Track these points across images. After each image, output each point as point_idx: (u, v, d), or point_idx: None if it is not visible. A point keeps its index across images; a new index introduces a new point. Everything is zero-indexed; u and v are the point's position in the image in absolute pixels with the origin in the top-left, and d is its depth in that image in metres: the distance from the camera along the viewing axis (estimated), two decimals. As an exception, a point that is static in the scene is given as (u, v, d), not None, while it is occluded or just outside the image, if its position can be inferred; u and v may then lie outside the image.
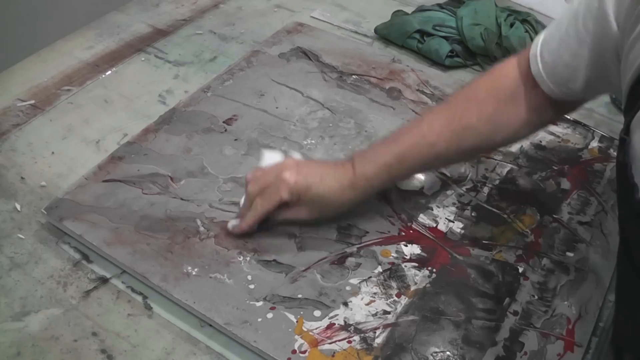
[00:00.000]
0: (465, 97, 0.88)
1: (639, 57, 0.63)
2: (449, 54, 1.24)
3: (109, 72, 1.22)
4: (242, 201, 0.91)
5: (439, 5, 1.37)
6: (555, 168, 1.02)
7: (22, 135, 1.08)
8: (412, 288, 0.84)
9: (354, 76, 1.19)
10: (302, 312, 0.81)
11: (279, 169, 0.87)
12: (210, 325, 0.81)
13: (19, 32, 1.21)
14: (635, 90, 0.64)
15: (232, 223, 0.89)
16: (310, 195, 0.86)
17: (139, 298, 0.85)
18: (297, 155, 0.96)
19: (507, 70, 0.86)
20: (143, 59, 1.26)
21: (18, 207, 0.96)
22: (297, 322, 0.80)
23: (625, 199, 0.65)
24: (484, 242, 0.91)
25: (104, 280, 0.87)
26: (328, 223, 0.92)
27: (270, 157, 0.94)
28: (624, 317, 0.71)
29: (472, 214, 0.95)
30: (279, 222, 0.90)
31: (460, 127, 0.85)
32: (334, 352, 0.77)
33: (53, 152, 1.05)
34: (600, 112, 1.15)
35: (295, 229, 0.91)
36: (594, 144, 1.07)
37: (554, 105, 0.85)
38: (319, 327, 0.79)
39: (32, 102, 1.14)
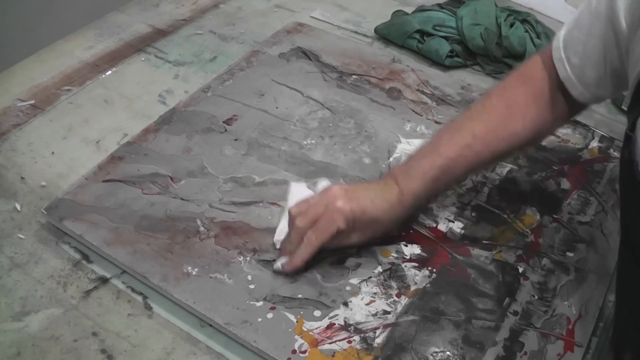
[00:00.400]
0: (505, 102, 0.87)
1: None
2: (449, 54, 1.24)
3: (109, 72, 1.23)
4: (277, 237, 0.88)
5: (439, 5, 1.37)
6: (555, 168, 1.02)
7: (22, 135, 1.08)
8: (412, 288, 0.84)
9: (354, 76, 1.19)
10: (302, 312, 0.81)
11: (329, 198, 0.83)
12: (211, 325, 0.81)
13: (19, 32, 1.21)
14: None
15: (280, 262, 0.84)
16: (365, 219, 0.83)
17: (139, 298, 0.85)
18: (325, 183, 0.92)
19: (537, 72, 0.86)
20: (143, 59, 1.26)
21: (18, 207, 0.96)
22: (297, 322, 0.80)
23: (630, 198, 0.65)
24: (484, 242, 0.91)
25: (104, 280, 0.87)
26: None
27: (299, 191, 0.92)
28: (624, 317, 0.71)
29: (472, 214, 0.95)
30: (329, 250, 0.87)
31: (507, 135, 0.85)
32: (334, 352, 0.77)
33: (53, 152, 1.05)
34: (600, 112, 1.15)
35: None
36: (594, 144, 1.07)
37: (578, 106, 0.86)
38: (319, 327, 0.79)
39: (32, 102, 1.14)
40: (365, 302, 0.82)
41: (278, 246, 0.88)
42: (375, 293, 0.84)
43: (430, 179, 0.84)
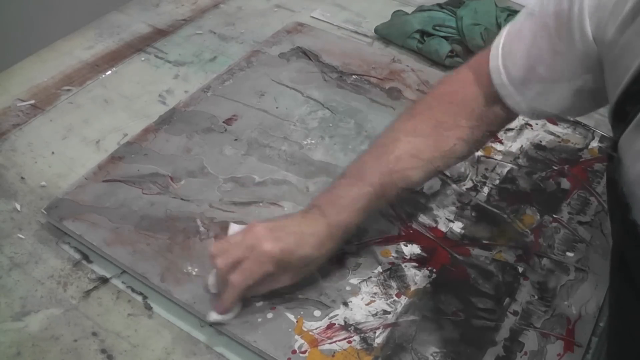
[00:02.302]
0: (433, 122, 0.83)
1: (630, 67, 0.60)
2: (449, 54, 1.24)
3: (109, 72, 1.22)
4: (210, 279, 0.82)
5: (439, 5, 1.37)
6: (555, 168, 1.02)
7: (22, 135, 1.08)
8: (412, 288, 0.84)
9: (354, 76, 1.19)
10: (302, 312, 0.81)
11: (253, 239, 0.77)
12: (211, 325, 0.81)
13: (19, 32, 1.21)
14: (622, 106, 0.62)
15: (212, 316, 0.79)
16: (295, 259, 0.77)
17: (139, 298, 0.85)
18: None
19: (465, 87, 0.82)
20: (143, 59, 1.26)
21: (18, 207, 0.96)
22: (297, 322, 0.80)
23: (618, 217, 0.64)
24: (484, 242, 0.91)
25: (104, 280, 0.87)
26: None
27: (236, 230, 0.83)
28: (616, 331, 0.70)
29: (472, 214, 0.95)
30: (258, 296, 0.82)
31: (437, 154, 0.82)
32: (334, 352, 0.77)
33: (53, 152, 1.05)
34: (600, 112, 1.15)
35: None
36: (594, 144, 1.07)
37: (513, 115, 0.81)
38: (319, 327, 0.79)
39: (32, 102, 1.14)
40: (365, 302, 0.82)
41: (212, 290, 0.82)
42: (375, 293, 0.84)
43: (360, 209, 0.80)
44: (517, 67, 0.75)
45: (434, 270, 0.87)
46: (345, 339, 0.78)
